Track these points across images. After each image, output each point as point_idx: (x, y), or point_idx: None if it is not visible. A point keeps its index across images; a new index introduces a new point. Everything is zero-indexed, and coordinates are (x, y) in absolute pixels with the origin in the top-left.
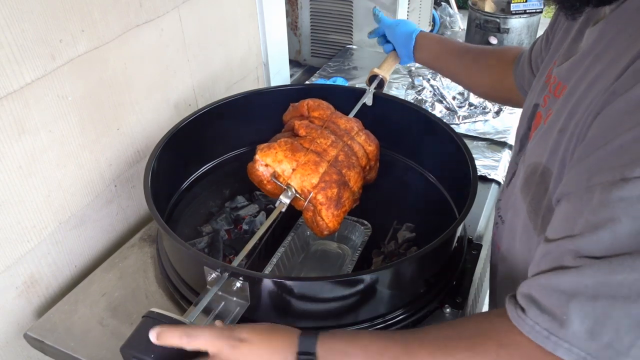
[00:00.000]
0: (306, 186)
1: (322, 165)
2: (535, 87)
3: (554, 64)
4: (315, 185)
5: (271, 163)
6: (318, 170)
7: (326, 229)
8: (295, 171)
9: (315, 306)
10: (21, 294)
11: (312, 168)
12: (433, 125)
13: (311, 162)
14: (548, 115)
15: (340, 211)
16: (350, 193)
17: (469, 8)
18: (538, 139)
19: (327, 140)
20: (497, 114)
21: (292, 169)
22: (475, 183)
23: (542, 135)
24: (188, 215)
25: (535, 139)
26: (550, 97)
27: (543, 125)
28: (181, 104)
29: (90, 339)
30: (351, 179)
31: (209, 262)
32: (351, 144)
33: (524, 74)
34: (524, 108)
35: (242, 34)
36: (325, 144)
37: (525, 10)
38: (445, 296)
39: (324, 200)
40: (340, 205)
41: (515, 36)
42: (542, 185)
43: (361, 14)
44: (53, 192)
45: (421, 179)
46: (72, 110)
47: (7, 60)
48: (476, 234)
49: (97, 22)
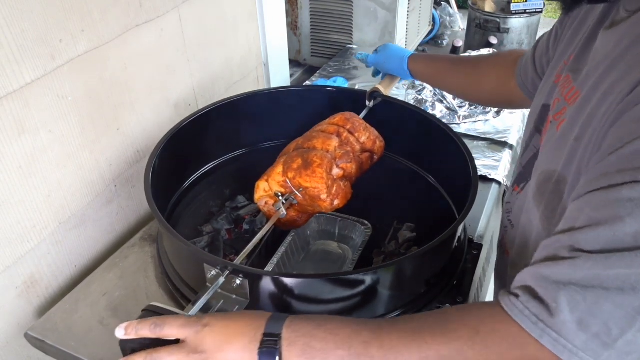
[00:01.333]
0: (278, 180)
1: (283, 157)
2: (543, 88)
3: (564, 64)
4: (282, 171)
5: (259, 197)
6: (279, 162)
7: (317, 192)
8: (267, 179)
9: (315, 305)
10: (21, 294)
11: (274, 166)
12: (433, 125)
13: (276, 164)
14: (561, 122)
15: (311, 169)
16: (319, 153)
17: (469, 8)
18: (551, 146)
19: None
20: (498, 113)
21: (266, 181)
22: (476, 183)
23: (556, 142)
24: (188, 215)
25: (548, 146)
26: (560, 101)
27: (555, 132)
28: (181, 104)
29: (91, 339)
30: (317, 144)
31: (209, 259)
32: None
33: (528, 73)
34: (531, 109)
35: (242, 34)
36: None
37: (526, 10)
38: (445, 296)
39: (294, 173)
40: (309, 164)
41: (515, 36)
42: (557, 193)
43: (361, 14)
44: (53, 192)
45: (422, 179)
46: (72, 110)
47: (7, 60)
48: (476, 234)
49: (97, 22)
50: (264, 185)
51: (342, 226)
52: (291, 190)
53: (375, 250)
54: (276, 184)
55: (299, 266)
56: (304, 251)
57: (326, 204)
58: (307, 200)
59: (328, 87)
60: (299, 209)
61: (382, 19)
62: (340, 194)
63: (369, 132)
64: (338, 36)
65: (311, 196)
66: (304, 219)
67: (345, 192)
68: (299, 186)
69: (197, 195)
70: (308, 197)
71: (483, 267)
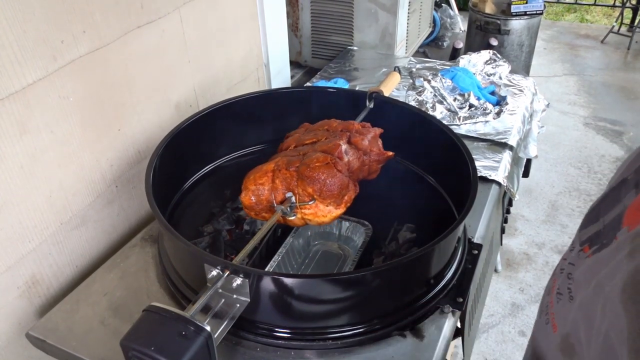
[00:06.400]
0: (264, 196)
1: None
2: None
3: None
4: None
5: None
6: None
7: (310, 180)
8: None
9: (315, 304)
10: (22, 294)
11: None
12: (433, 126)
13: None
14: None
15: (291, 170)
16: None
17: (469, 9)
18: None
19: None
20: (498, 115)
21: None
22: (476, 184)
23: None
24: (189, 216)
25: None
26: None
27: None
28: (182, 105)
29: (91, 339)
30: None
31: (209, 259)
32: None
33: None
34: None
35: (243, 35)
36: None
37: (526, 12)
38: (445, 296)
39: (280, 183)
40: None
41: (515, 38)
42: None
43: (362, 16)
44: (54, 192)
45: (422, 180)
46: (74, 110)
47: (9, 61)
48: (476, 235)
49: (98, 23)
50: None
51: (342, 227)
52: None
53: (376, 251)
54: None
55: (299, 266)
56: (304, 252)
57: (325, 196)
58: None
59: (329, 88)
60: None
61: (382, 20)
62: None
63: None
64: (339, 37)
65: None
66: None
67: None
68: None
69: (198, 196)
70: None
71: (483, 267)
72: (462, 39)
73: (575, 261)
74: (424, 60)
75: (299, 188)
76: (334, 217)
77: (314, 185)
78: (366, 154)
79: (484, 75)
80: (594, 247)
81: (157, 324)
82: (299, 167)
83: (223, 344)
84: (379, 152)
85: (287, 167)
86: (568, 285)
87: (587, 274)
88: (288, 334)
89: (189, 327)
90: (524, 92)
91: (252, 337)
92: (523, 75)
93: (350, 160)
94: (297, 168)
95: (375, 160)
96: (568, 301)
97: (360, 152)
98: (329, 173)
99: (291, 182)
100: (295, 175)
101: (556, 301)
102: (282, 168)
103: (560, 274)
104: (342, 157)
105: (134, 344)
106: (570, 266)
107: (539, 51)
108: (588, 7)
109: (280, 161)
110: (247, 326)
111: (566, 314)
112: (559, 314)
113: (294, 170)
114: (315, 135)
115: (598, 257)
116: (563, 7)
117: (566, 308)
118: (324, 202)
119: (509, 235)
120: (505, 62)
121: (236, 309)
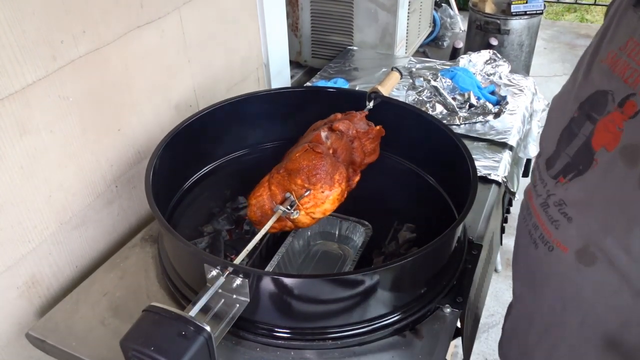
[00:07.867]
0: (261, 204)
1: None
2: (591, 74)
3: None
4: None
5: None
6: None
7: (296, 172)
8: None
9: (315, 304)
10: (22, 294)
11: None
12: (432, 126)
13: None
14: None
15: (281, 172)
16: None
17: (469, 9)
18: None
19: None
20: (497, 115)
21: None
22: (475, 184)
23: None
24: (189, 216)
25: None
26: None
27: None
28: (182, 105)
29: (91, 339)
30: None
31: (209, 259)
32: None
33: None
34: (565, 97)
35: (243, 35)
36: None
37: (526, 12)
38: (445, 296)
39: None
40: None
41: (515, 37)
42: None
43: (362, 15)
44: (54, 192)
45: (422, 180)
46: (73, 110)
47: (9, 61)
48: (476, 235)
49: (98, 23)
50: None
51: (342, 227)
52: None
53: (375, 251)
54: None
55: (299, 267)
56: (304, 252)
57: (323, 188)
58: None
59: (328, 88)
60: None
61: (382, 20)
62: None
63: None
64: (338, 37)
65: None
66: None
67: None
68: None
69: (198, 196)
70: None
71: (483, 267)
72: (462, 38)
73: (555, 190)
74: (424, 60)
75: (291, 184)
76: (333, 200)
77: (301, 174)
78: (354, 136)
79: (483, 75)
80: (570, 174)
81: (157, 324)
82: (285, 165)
83: (223, 344)
84: (367, 131)
85: (277, 170)
86: (561, 210)
87: (580, 193)
88: (288, 334)
89: (188, 327)
90: (524, 91)
91: (252, 337)
92: (523, 75)
93: (332, 143)
94: (285, 167)
95: (367, 139)
96: (567, 223)
97: (343, 134)
98: (310, 158)
99: (284, 182)
100: (285, 174)
101: (554, 228)
102: (274, 173)
103: (543, 208)
104: (321, 141)
105: (134, 344)
106: (553, 196)
107: (539, 51)
108: (588, 6)
109: (273, 170)
110: (247, 326)
111: (572, 233)
112: (564, 236)
113: (283, 170)
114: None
115: (584, 179)
116: (563, 6)
117: (569, 228)
118: (317, 189)
119: (509, 235)
120: (505, 61)
121: (236, 309)
